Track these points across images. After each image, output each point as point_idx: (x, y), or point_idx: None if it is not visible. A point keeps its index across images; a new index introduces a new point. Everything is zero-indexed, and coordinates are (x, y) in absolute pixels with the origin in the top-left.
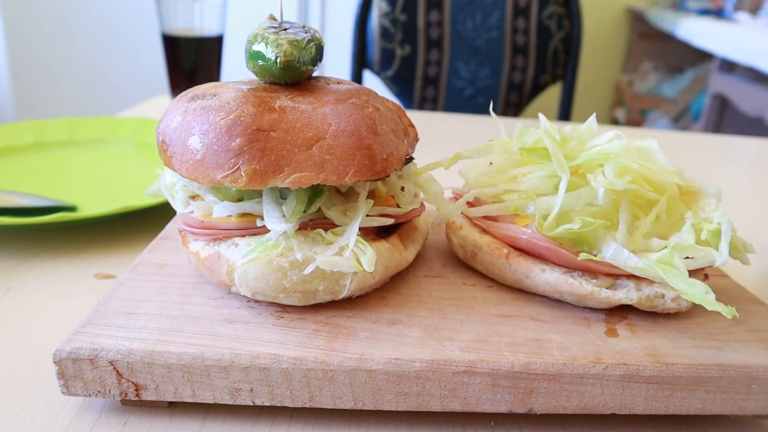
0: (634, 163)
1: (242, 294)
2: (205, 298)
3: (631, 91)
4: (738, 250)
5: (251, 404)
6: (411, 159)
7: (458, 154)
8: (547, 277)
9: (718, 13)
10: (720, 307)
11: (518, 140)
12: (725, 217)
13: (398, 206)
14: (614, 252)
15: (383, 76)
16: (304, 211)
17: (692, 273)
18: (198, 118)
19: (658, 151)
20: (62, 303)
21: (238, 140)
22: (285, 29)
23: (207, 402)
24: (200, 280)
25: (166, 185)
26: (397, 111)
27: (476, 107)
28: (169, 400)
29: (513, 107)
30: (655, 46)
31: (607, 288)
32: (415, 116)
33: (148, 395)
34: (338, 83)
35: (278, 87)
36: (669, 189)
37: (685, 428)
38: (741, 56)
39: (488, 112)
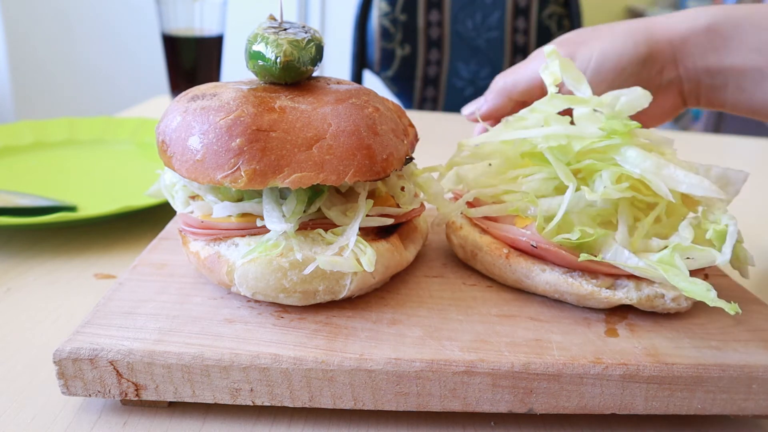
0: (637, 168)
1: (242, 294)
2: (205, 298)
3: None
4: (739, 260)
5: (251, 404)
6: (411, 159)
7: (453, 162)
8: (547, 277)
9: None
10: (722, 304)
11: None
12: (734, 220)
13: (398, 206)
14: (614, 252)
15: (383, 76)
16: (304, 211)
17: (692, 273)
18: (198, 118)
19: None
20: (62, 303)
21: (238, 140)
22: (285, 29)
23: (207, 402)
24: (200, 280)
25: (166, 185)
26: (397, 111)
27: None
28: (169, 400)
29: None
30: None
31: (607, 288)
32: (415, 116)
33: (148, 395)
34: (338, 83)
35: (278, 87)
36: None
37: (685, 428)
38: None
39: None
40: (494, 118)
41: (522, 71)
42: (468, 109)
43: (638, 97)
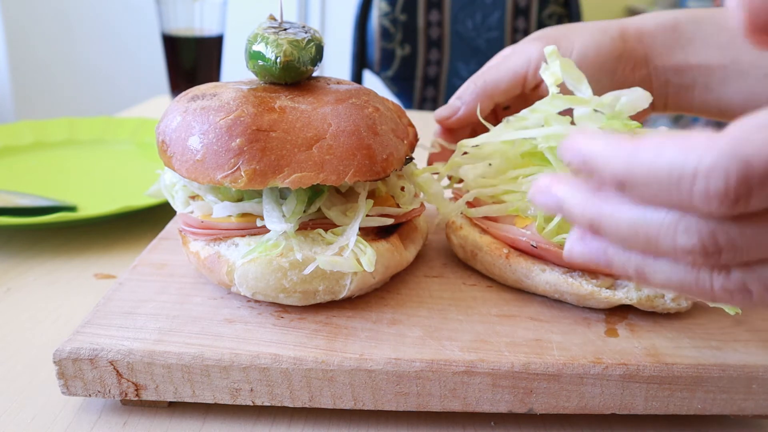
0: None
1: (242, 294)
2: (205, 298)
3: None
4: None
5: (251, 404)
6: (411, 159)
7: (454, 162)
8: (547, 277)
9: None
10: (722, 304)
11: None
12: None
13: (398, 206)
14: None
15: (383, 76)
16: (304, 211)
17: None
18: (198, 118)
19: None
20: (62, 303)
21: (238, 140)
22: (285, 29)
23: (207, 402)
24: (200, 280)
25: (166, 185)
26: (397, 111)
27: None
28: (169, 400)
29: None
30: None
31: (607, 288)
32: (415, 116)
33: (148, 395)
34: (338, 83)
35: (278, 87)
36: None
37: (685, 428)
38: None
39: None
40: (471, 124)
41: (503, 69)
42: (442, 113)
43: (638, 98)
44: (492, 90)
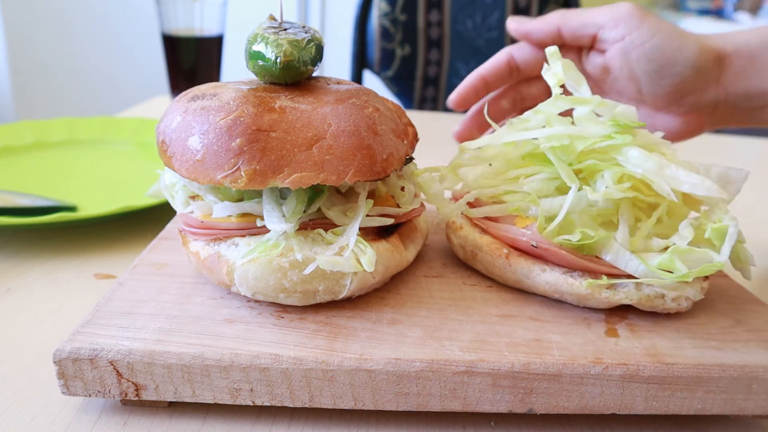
0: (639, 169)
1: (242, 294)
2: (205, 298)
3: None
4: (741, 261)
5: (251, 404)
6: (411, 159)
7: (456, 164)
8: (547, 277)
9: (718, 13)
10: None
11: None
12: (734, 221)
13: (398, 206)
14: (615, 255)
15: (383, 76)
16: (304, 211)
17: None
18: (198, 118)
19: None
20: (62, 303)
21: (238, 140)
22: (285, 29)
23: (207, 402)
24: (200, 280)
25: (166, 185)
26: (397, 111)
27: None
28: (169, 400)
29: None
30: None
31: (607, 288)
32: (415, 116)
33: (148, 395)
34: (338, 83)
35: (278, 87)
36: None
37: (685, 428)
38: None
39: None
40: (531, 40)
41: (583, 14)
42: (516, 21)
43: (630, 113)
44: (561, 24)
